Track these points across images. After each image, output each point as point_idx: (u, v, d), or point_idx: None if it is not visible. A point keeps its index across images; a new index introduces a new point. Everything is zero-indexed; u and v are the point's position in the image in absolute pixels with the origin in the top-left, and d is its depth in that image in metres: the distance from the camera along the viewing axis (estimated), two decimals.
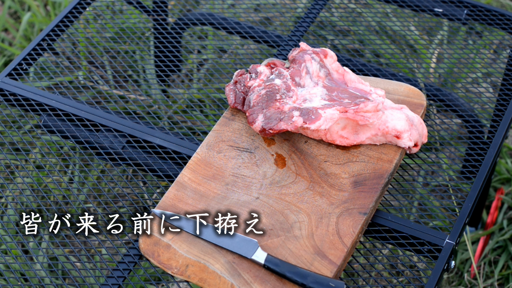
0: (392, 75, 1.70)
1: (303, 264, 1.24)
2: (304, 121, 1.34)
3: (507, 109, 1.56)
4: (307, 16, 1.79)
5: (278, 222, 1.29)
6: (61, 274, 1.94)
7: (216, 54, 2.43)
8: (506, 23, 1.76)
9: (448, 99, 1.68)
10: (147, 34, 2.37)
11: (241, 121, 1.44)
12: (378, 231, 1.35)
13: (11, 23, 2.69)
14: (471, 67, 1.76)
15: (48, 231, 1.76)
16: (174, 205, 1.33)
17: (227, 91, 1.46)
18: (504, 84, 1.67)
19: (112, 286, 1.30)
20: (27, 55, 1.68)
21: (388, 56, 2.02)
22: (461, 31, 2.30)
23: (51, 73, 1.72)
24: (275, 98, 1.39)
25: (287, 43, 1.71)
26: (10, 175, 1.79)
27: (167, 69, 1.73)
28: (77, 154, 2.03)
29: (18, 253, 1.86)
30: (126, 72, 2.17)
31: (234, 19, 1.85)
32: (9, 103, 1.60)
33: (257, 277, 1.23)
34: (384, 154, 1.38)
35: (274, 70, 1.45)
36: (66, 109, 1.57)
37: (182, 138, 1.51)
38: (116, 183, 2.04)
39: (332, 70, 1.45)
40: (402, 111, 1.39)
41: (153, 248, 1.28)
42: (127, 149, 1.50)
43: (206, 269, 1.25)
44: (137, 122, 1.55)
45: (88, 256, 1.41)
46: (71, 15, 1.77)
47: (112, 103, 1.74)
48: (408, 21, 2.02)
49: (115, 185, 2.02)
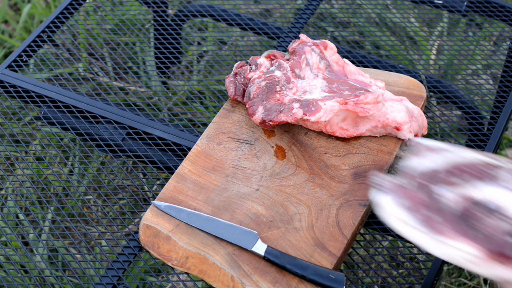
0: (392, 67, 1.70)
1: (303, 255, 1.24)
2: (304, 113, 1.34)
3: (507, 101, 1.56)
4: (307, 7, 1.79)
5: (278, 214, 1.30)
6: (61, 266, 1.95)
7: (216, 46, 2.43)
8: (506, 15, 1.76)
9: (448, 90, 1.68)
10: (147, 26, 2.37)
11: (241, 113, 1.44)
12: (378, 223, 1.36)
13: (11, 15, 2.69)
14: (471, 59, 1.76)
15: (48, 223, 1.77)
16: (174, 196, 1.33)
17: (227, 83, 1.46)
18: (504, 76, 1.67)
19: (112, 278, 1.30)
20: (27, 47, 1.68)
21: (388, 48, 2.02)
22: (461, 22, 2.30)
23: (51, 65, 1.72)
24: (275, 90, 1.39)
25: (287, 35, 1.71)
26: (10, 166, 1.79)
27: (167, 61, 1.73)
28: (77, 146, 2.03)
29: (18, 244, 1.86)
30: (126, 64, 2.17)
31: (234, 11, 1.85)
32: (9, 94, 1.60)
33: (257, 268, 1.23)
34: (384, 145, 1.38)
35: (274, 62, 1.45)
36: (66, 100, 1.57)
37: (182, 130, 1.51)
38: (116, 175, 2.04)
39: (332, 62, 1.45)
40: (402, 103, 1.39)
41: (153, 239, 1.28)
42: (127, 140, 1.51)
43: (206, 261, 1.25)
44: (137, 114, 1.55)
45: (88, 248, 1.41)
46: (71, 7, 1.77)
47: (112, 95, 1.74)
48: (408, 13, 2.01)
49: (115, 177, 2.02)
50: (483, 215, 1.06)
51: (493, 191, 1.08)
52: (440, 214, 1.07)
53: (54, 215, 1.82)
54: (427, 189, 1.11)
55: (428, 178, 1.12)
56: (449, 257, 1.06)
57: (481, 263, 1.04)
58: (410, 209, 1.09)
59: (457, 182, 1.10)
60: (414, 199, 1.10)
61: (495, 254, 1.04)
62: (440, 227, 1.07)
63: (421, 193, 1.10)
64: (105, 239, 1.40)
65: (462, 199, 1.08)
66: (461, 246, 1.05)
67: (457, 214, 1.07)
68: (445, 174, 1.11)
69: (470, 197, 1.08)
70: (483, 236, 1.05)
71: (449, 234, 1.06)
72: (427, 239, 1.07)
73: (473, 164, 1.13)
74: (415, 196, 1.10)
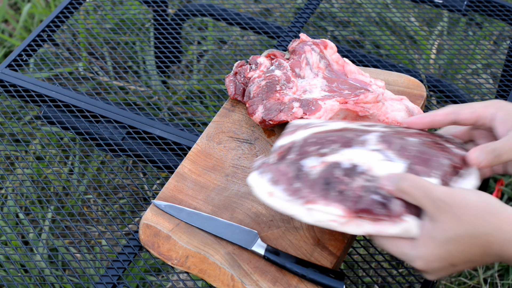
0: (392, 66, 1.70)
1: (303, 255, 1.24)
2: (304, 112, 1.34)
3: (507, 100, 1.56)
4: (307, 7, 1.79)
5: (278, 213, 1.29)
6: (61, 265, 1.95)
7: (216, 45, 2.43)
8: (506, 14, 1.76)
9: (448, 90, 1.68)
10: (147, 25, 2.37)
11: (241, 112, 1.44)
12: None
13: (11, 14, 2.69)
14: (471, 58, 1.76)
15: (48, 222, 1.76)
16: (174, 196, 1.33)
17: (227, 82, 1.46)
18: (504, 75, 1.67)
19: (112, 277, 1.30)
20: (27, 46, 1.68)
21: (388, 47, 2.02)
22: (461, 22, 2.30)
23: (51, 64, 1.72)
24: (275, 89, 1.39)
25: (287, 34, 1.71)
26: (10, 166, 1.79)
27: (167, 60, 1.73)
28: (77, 145, 2.03)
29: (18, 244, 1.86)
30: (126, 63, 2.17)
31: (234, 10, 1.85)
32: (9, 94, 1.60)
33: (257, 268, 1.23)
34: None
35: (274, 61, 1.45)
36: (66, 100, 1.57)
37: (182, 129, 1.51)
38: (116, 174, 2.04)
39: (332, 61, 1.45)
40: (402, 102, 1.39)
41: (153, 239, 1.28)
42: (127, 140, 1.51)
43: (206, 260, 1.25)
44: (137, 113, 1.55)
45: (88, 247, 1.41)
46: (71, 6, 1.77)
47: (112, 94, 1.74)
48: (408, 12, 2.01)
49: (115, 176, 2.03)
50: (346, 177, 1.13)
51: (357, 154, 1.15)
52: (303, 182, 1.14)
53: (54, 215, 1.82)
54: (294, 161, 1.17)
55: (295, 152, 1.19)
56: (317, 221, 1.13)
57: (346, 221, 1.12)
58: (276, 182, 1.16)
59: (326, 152, 1.16)
60: (278, 172, 1.17)
61: (359, 211, 1.11)
62: (304, 194, 1.13)
63: (285, 166, 1.17)
64: (105, 239, 1.40)
65: (325, 166, 1.15)
66: (324, 208, 1.12)
67: (320, 180, 1.13)
68: (313, 146, 1.18)
69: (334, 162, 1.15)
70: (346, 196, 1.12)
71: (313, 199, 1.13)
72: (295, 208, 1.14)
73: (341, 133, 1.19)
74: (279, 169, 1.17)
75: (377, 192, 1.12)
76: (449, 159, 1.16)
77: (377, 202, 1.11)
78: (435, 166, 1.14)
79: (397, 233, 1.11)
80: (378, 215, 1.11)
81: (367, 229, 1.12)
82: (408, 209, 1.11)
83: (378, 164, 1.14)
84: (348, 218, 1.12)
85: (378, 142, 1.17)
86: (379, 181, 1.12)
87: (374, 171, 1.13)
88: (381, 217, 1.11)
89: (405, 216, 1.11)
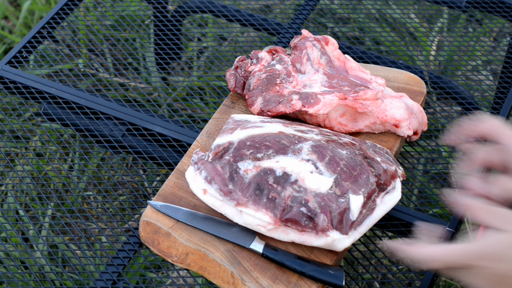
0: (392, 63, 1.69)
1: (303, 252, 1.24)
2: (303, 104, 1.34)
3: (507, 97, 1.56)
4: (307, 3, 1.79)
5: None
6: (61, 262, 1.95)
7: (216, 42, 2.43)
8: (506, 11, 1.76)
9: (448, 86, 1.67)
10: (147, 22, 2.37)
11: (241, 109, 1.44)
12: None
13: (11, 11, 2.69)
14: (471, 55, 1.76)
15: (48, 219, 1.77)
16: (174, 193, 1.33)
17: (228, 75, 1.46)
18: (504, 72, 1.67)
19: (112, 274, 1.31)
20: (27, 43, 1.68)
21: (388, 44, 2.02)
22: (461, 18, 2.30)
23: (51, 61, 1.72)
24: (275, 82, 1.40)
25: (287, 31, 1.71)
26: (10, 162, 1.79)
27: (167, 57, 1.73)
28: (77, 142, 2.03)
29: (18, 240, 1.86)
30: (126, 60, 2.17)
31: (234, 7, 1.85)
32: (9, 90, 1.60)
33: (257, 265, 1.23)
34: (384, 142, 1.38)
35: (275, 56, 1.45)
36: (66, 96, 1.57)
37: (182, 126, 1.51)
38: (116, 171, 2.04)
39: (333, 58, 1.45)
40: (401, 99, 1.39)
41: (153, 236, 1.28)
42: (127, 137, 1.51)
43: (206, 257, 1.25)
44: (137, 110, 1.55)
45: (88, 244, 1.41)
46: (71, 3, 1.77)
47: (112, 91, 1.74)
48: (408, 9, 2.01)
49: (115, 173, 2.03)
50: (278, 185, 1.19)
51: (290, 163, 1.22)
52: (237, 185, 1.21)
53: (54, 211, 1.82)
54: (229, 163, 1.23)
55: (231, 153, 1.24)
56: (246, 224, 1.21)
57: (273, 228, 1.19)
58: (210, 181, 1.22)
59: (261, 157, 1.23)
60: (214, 171, 1.23)
61: (286, 221, 1.18)
62: (236, 196, 1.20)
63: (221, 166, 1.23)
64: (105, 235, 1.40)
65: (258, 171, 1.21)
66: (254, 213, 1.19)
67: (253, 185, 1.20)
68: (249, 149, 1.24)
69: (267, 168, 1.21)
70: (275, 204, 1.19)
71: (244, 203, 1.20)
72: (227, 208, 1.22)
73: (277, 139, 1.25)
74: (215, 169, 1.23)
75: (305, 205, 1.18)
76: (376, 176, 1.22)
77: (304, 215, 1.17)
78: (362, 184, 1.21)
79: (321, 245, 1.18)
80: (304, 227, 1.18)
81: (293, 238, 1.19)
82: (332, 225, 1.17)
83: (309, 176, 1.20)
84: (275, 226, 1.19)
85: (311, 152, 1.23)
86: (307, 193, 1.18)
87: (305, 183, 1.20)
88: (306, 229, 1.18)
89: (329, 232, 1.17)
